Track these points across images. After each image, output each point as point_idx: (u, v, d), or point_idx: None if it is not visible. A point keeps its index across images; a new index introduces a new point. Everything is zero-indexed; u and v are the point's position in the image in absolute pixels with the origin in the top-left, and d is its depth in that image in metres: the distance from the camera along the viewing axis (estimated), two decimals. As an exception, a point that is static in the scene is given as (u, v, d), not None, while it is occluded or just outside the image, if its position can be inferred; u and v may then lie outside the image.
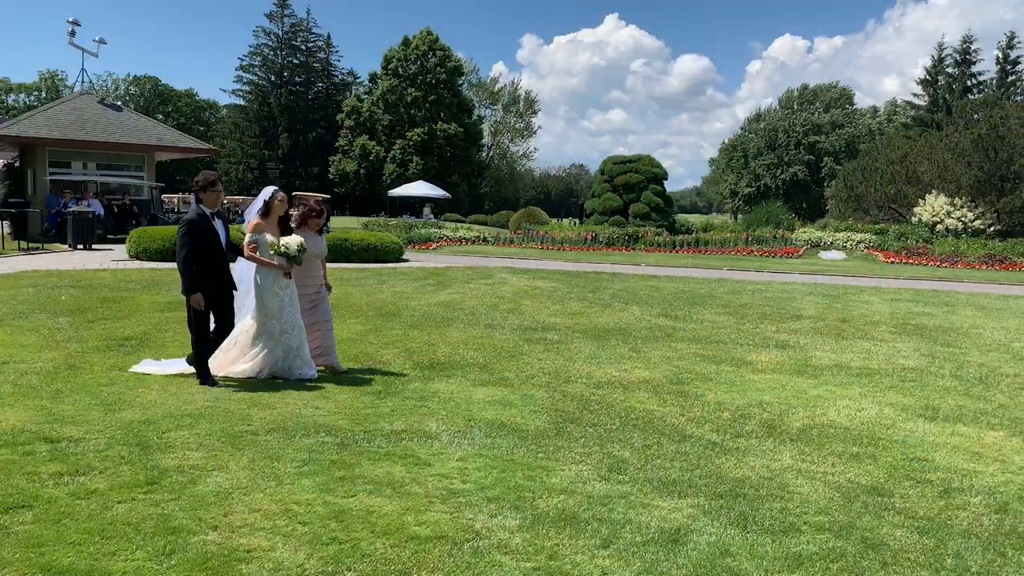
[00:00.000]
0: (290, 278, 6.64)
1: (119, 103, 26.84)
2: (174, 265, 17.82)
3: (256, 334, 6.59)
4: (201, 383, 6.38)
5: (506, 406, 5.98)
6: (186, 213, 6.83)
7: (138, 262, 16.81)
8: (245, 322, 6.70)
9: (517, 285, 14.75)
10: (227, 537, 3.48)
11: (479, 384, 6.72)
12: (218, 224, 6.45)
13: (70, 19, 23.84)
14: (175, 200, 37.29)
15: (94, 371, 6.84)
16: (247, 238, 6.55)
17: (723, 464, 4.74)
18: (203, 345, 6.46)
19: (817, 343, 9.33)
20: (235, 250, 6.65)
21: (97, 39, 25.70)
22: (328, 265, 7.08)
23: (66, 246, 19.71)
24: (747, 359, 8.17)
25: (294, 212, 7.26)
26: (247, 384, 6.46)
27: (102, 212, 21.78)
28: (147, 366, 6.93)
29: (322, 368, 6.99)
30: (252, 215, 6.71)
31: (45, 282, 12.86)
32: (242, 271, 6.82)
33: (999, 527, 3.85)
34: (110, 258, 17.46)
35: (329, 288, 7.28)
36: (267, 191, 6.75)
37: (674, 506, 4.02)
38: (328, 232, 7.65)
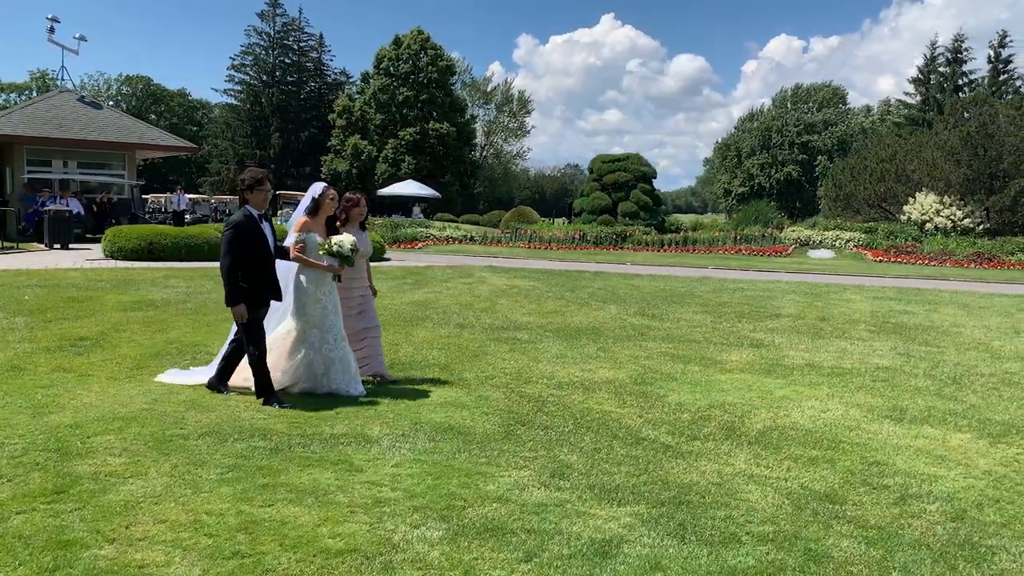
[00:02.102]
0: (339, 280, 6.12)
1: (99, 100, 26.50)
2: (148, 264, 17.47)
3: (296, 342, 6.01)
4: (264, 402, 5.68)
5: (458, 408, 5.75)
6: (167, 211, 6.41)
7: (113, 261, 16.52)
8: (285, 325, 6.15)
9: (496, 284, 14.53)
10: (122, 551, 3.24)
11: (435, 385, 6.49)
12: (266, 227, 5.79)
13: (49, 16, 23.57)
14: (161, 200, 36.95)
15: (37, 372, 6.60)
16: (293, 237, 6.00)
17: (672, 469, 4.51)
18: (263, 358, 5.74)
19: (792, 342, 9.12)
20: (283, 254, 6.01)
21: (77, 36, 25.42)
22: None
23: (43, 245, 19.41)
24: (717, 359, 7.95)
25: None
26: (197, 386, 6.21)
27: (81, 211, 21.48)
28: (173, 376, 6.41)
29: (368, 379, 6.44)
30: (299, 213, 6.18)
31: (12, 281, 12.59)
32: (282, 273, 6.19)
33: (953, 537, 3.63)
34: (84, 257, 17.18)
35: (374, 291, 6.73)
36: (316, 187, 6.15)
37: (612, 515, 3.79)
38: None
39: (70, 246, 19.35)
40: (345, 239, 6.01)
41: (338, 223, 6.29)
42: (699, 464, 4.61)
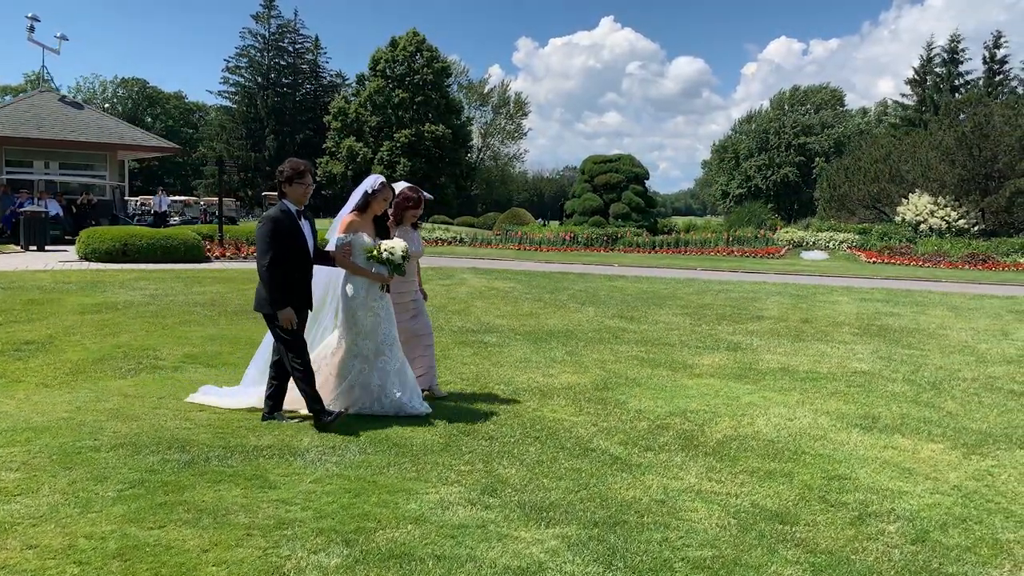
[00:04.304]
0: (388, 291, 5.43)
1: (80, 101, 26.17)
2: (121, 266, 17.08)
3: (346, 358, 5.33)
4: (320, 427, 4.97)
5: (400, 416, 5.40)
6: (151, 213, 5.75)
7: (86, 263, 16.20)
8: (329, 343, 5.50)
9: (475, 285, 14.18)
10: (-27, 583, 2.90)
11: (383, 392, 6.14)
12: (304, 224, 5.11)
13: (29, 15, 23.27)
14: (151, 201, 36.63)
15: (-34, 379, 6.25)
16: (338, 239, 5.29)
17: (615, 484, 4.16)
18: (309, 373, 5.10)
19: (771, 345, 8.77)
20: (323, 257, 5.34)
21: (59, 35, 25.08)
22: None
23: (19, 247, 19.08)
24: (688, 362, 7.60)
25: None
26: (130, 394, 5.87)
27: (60, 212, 21.15)
28: (206, 396, 5.65)
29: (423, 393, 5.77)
30: (347, 210, 5.45)
31: (-25, 284, 12.25)
32: (322, 280, 5.53)
33: (910, 563, 3.28)
34: (58, 259, 16.85)
35: (424, 295, 6.09)
36: (372, 180, 5.38)
37: (537, 537, 3.45)
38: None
39: (47, 248, 19.03)
40: (397, 244, 5.27)
41: (389, 222, 5.63)
42: (645, 478, 4.26)
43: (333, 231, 5.47)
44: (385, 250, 5.22)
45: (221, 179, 21.03)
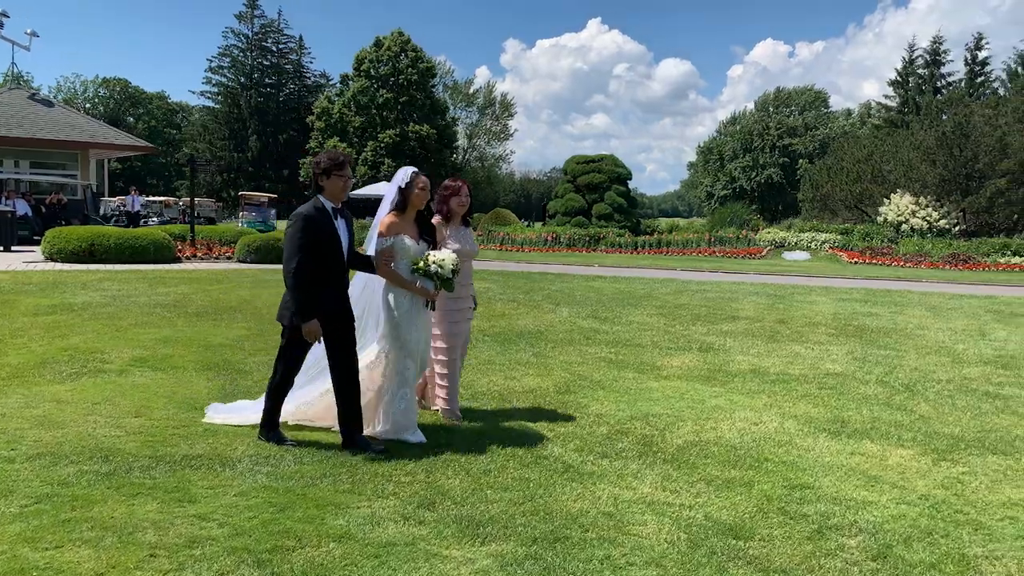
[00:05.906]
0: (433, 308, 4.86)
1: (51, 98, 25.65)
2: (87, 267, 16.63)
3: (389, 379, 4.74)
4: (264, 437, 4.63)
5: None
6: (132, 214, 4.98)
7: (51, 263, 15.78)
8: (368, 355, 4.88)
9: (449, 286, 13.89)
10: None
11: (334, 396, 5.85)
12: (340, 224, 4.52)
13: (-2, 10, 22.75)
14: (128, 201, 36.09)
15: None
16: (379, 243, 4.70)
17: (563, 495, 3.90)
18: (283, 389, 4.67)
19: (744, 346, 8.55)
20: (359, 262, 4.81)
21: (29, 31, 24.58)
22: (250, 266, 5.02)
23: (-16, 248, 18.61)
24: (657, 364, 7.36)
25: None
26: (63, 399, 5.55)
27: (28, 212, 20.68)
28: (216, 414, 5.12)
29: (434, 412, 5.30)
30: (384, 210, 4.83)
31: (-71, 285, 11.84)
32: (358, 286, 5.01)
33: (869, 582, 3.04)
34: (24, 259, 16.41)
35: (475, 303, 5.43)
36: (404, 174, 4.75)
37: (469, 556, 3.18)
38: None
39: (13, 248, 18.58)
40: (447, 257, 4.63)
41: (436, 219, 5.06)
42: (596, 489, 4.00)
43: (371, 235, 4.93)
44: (433, 262, 4.60)
45: (193, 178, 20.61)
